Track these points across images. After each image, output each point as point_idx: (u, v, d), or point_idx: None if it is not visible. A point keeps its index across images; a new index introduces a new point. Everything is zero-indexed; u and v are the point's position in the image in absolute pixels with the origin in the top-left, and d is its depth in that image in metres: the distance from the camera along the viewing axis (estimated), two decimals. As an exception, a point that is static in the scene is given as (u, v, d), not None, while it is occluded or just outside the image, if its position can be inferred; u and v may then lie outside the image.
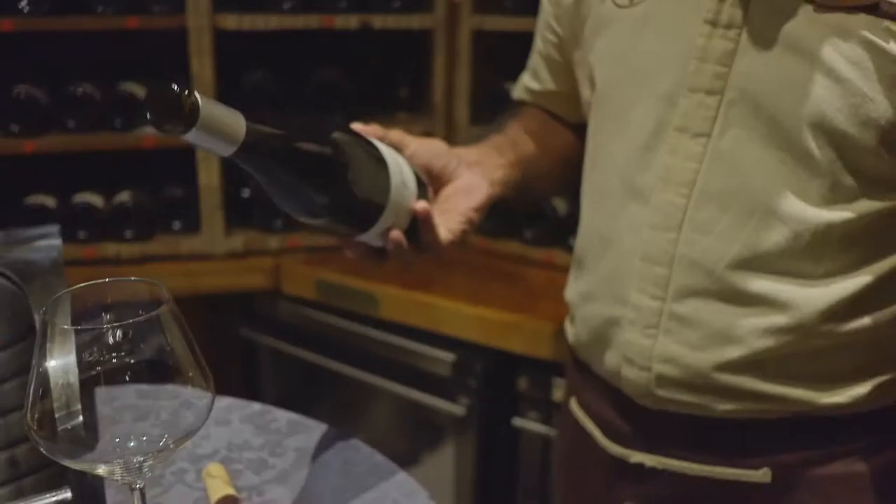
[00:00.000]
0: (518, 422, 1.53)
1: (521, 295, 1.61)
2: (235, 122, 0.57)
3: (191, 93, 0.53)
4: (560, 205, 1.75)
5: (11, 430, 0.69)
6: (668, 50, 0.74)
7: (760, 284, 0.73)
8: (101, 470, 0.53)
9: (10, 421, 0.69)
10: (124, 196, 1.78)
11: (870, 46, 0.65)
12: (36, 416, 0.53)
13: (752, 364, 0.75)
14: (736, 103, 0.71)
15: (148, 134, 1.73)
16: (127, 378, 0.53)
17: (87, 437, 0.55)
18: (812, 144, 0.69)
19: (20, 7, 1.62)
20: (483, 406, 1.55)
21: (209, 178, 1.73)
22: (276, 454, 0.81)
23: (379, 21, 1.73)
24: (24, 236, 0.74)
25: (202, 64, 1.67)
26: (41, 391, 0.53)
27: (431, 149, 0.82)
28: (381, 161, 0.73)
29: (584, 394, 0.92)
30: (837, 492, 0.78)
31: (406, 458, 1.63)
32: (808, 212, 0.70)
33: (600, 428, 0.88)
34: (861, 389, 0.75)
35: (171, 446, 0.54)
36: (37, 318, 0.70)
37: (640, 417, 0.82)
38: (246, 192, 1.83)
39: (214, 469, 0.76)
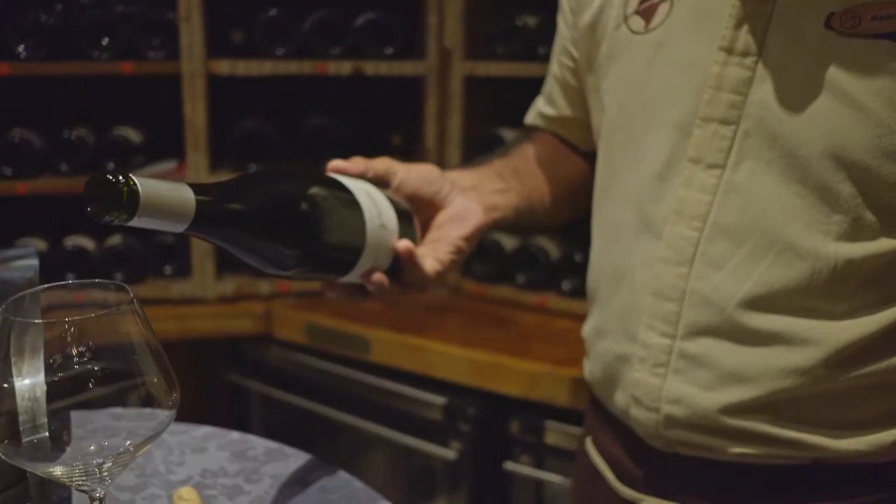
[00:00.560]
0: (510, 465, 1.50)
1: (513, 338, 1.60)
2: (182, 199, 0.54)
3: (128, 179, 0.51)
4: (552, 249, 1.74)
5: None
6: (683, 78, 0.71)
7: (774, 322, 0.69)
8: (59, 471, 0.51)
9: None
10: (116, 239, 1.78)
11: (894, 75, 0.62)
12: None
13: (765, 406, 0.71)
14: (751, 134, 0.68)
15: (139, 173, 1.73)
16: (90, 384, 0.52)
17: (51, 447, 0.53)
18: (832, 178, 0.65)
19: (17, 51, 1.64)
20: (475, 450, 1.52)
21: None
22: (252, 481, 0.78)
23: (371, 68, 1.75)
24: (1, 256, 0.73)
25: (195, 109, 1.69)
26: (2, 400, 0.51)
27: (422, 175, 0.80)
28: (353, 205, 0.69)
29: (599, 434, 0.89)
30: None
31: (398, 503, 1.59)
32: (827, 247, 0.66)
33: (613, 470, 0.85)
34: (883, 437, 0.71)
35: (132, 450, 0.52)
36: (12, 340, 0.69)
37: (652, 460, 0.79)
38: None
39: (186, 492, 0.74)
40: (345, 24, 1.73)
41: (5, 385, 0.51)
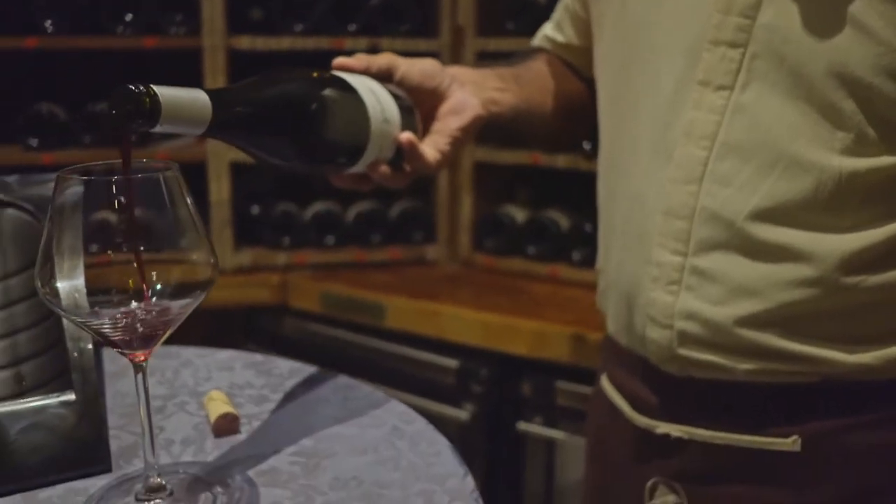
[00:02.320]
0: (523, 426, 1.52)
1: (524, 304, 1.63)
2: (199, 105, 0.58)
3: (149, 88, 0.54)
4: (563, 220, 1.77)
5: (19, 349, 0.71)
6: (691, 3, 0.74)
7: (781, 235, 0.71)
8: (98, 324, 0.55)
9: (19, 340, 0.71)
10: (136, 213, 1.81)
11: None
12: (43, 276, 0.55)
13: (775, 319, 0.73)
14: (759, 56, 0.70)
15: (160, 150, 1.78)
16: (132, 242, 0.54)
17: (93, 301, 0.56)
18: (835, 96, 0.68)
19: (44, 26, 1.69)
20: (488, 411, 1.55)
21: (220, 193, 1.77)
22: (277, 391, 0.82)
23: (387, 44, 1.79)
24: (39, 179, 0.77)
25: (216, 83, 1.73)
26: (46, 255, 0.55)
27: (423, 69, 0.83)
28: (358, 102, 0.73)
29: (614, 370, 0.91)
30: (871, 461, 0.76)
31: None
32: (832, 161, 0.69)
33: (628, 401, 0.87)
34: (891, 351, 0.72)
35: (172, 308, 0.55)
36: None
37: (666, 386, 0.81)
38: (255, 210, 1.87)
39: (215, 394, 0.77)
40: (360, 2, 1.78)
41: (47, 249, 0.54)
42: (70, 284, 0.55)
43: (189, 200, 0.56)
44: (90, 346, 0.70)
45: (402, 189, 1.95)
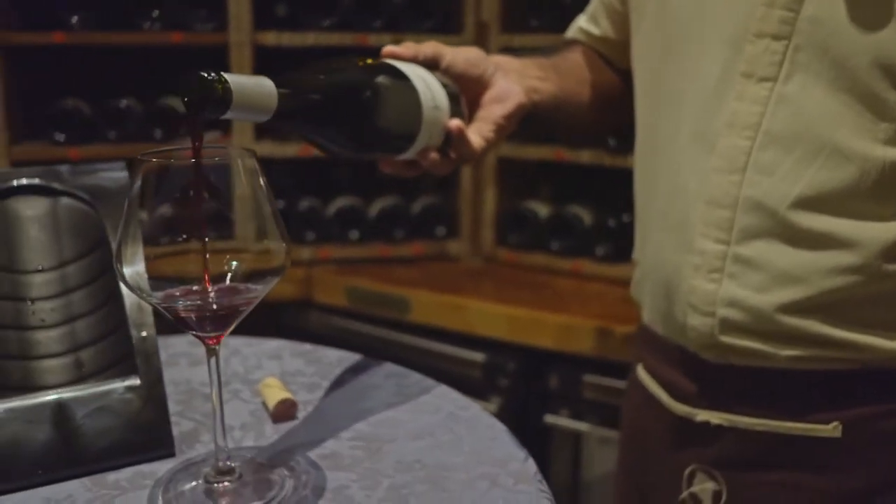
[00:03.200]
0: (549, 419, 1.53)
1: (548, 298, 1.64)
2: (267, 93, 0.59)
3: (220, 76, 0.55)
4: (586, 216, 1.78)
5: (77, 336, 0.72)
6: None
7: (824, 223, 0.72)
8: (174, 306, 0.56)
9: (77, 327, 0.72)
10: (164, 209, 1.82)
11: None
12: (123, 259, 0.56)
13: (817, 306, 0.74)
14: (802, 48, 0.71)
15: (186, 146, 1.78)
16: (208, 226, 0.56)
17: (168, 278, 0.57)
18: (878, 87, 0.69)
19: (71, 22, 1.70)
20: (514, 405, 1.56)
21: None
22: (328, 378, 0.83)
23: (411, 40, 1.79)
24: (91, 168, 0.78)
25: (241, 78, 1.74)
26: (125, 238, 0.56)
27: (468, 57, 0.83)
28: (411, 90, 0.74)
29: (650, 359, 0.92)
30: None
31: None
32: (875, 151, 0.70)
33: (666, 390, 0.87)
34: None
35: (244, 292, 0.56)
36: (109, 232, 0.74)
37: (705, 374, 0.82)
38: (279, 205, 1.87)
39: (271, 380, 0.78)
40: (385, -1, 1.79)
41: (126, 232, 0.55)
42: (148, 267, 0.56)
43: (264, 186, 0.57)
44: (153, 331, 0.70)
45: (423, 184, 1.97)
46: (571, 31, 1.04)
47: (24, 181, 0.76)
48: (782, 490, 0.81)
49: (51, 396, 0.66)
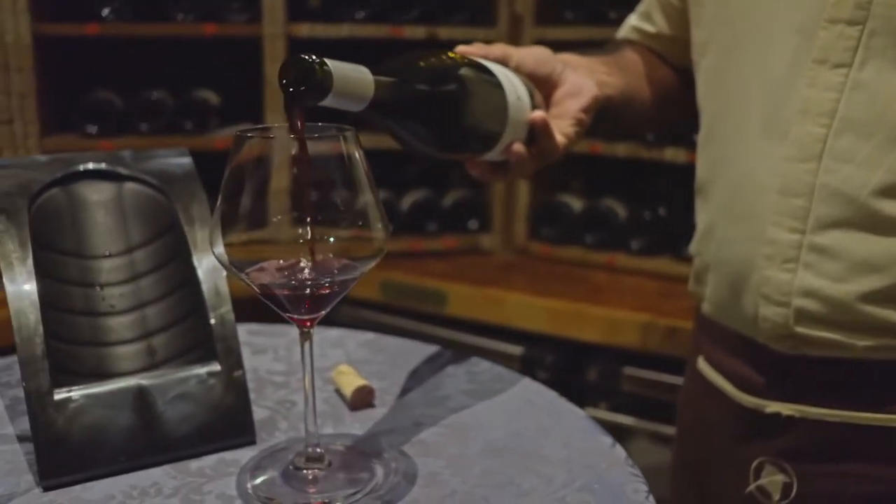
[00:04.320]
0: (588, 412, 1.51)
1: (586, 292, 1.63)
2: (365, 79, 0.58)
3: (322, 61, 0.54)
4: (620, 209, 1.77)
5: (148, 322, 0.71)
6: None
7: None
8: (269, 287, 0.55)
9: (147, 313, 0.71)
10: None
11: None
12: (220, 237, 0.55)
13: None
14: (878, 33, 0.70)
15: (217, 137, 1.78)
16: (307, 206, 0.55)
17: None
18: None
19: (103, 14, 1.70)
20: (553, 398, 1.55)
21: (279, 182, 1.76)
22: (397, 366, 0.82)
23: (445, 32, 1.79)
24: (152, 154, 0.77)
25: (275, 70, 1.72)
26: (222, 217, 0.55)
27: (536, 56, 0.82)
28: (495, 82, 0.74)
29: (712, 351, 0.90)
30: None
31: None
32: None
33: (731, 381, 0.86)
34: None
35: (342, 274, 0.55)
36: (182, 217, 0.73)
37: (776, 365, 0.80)
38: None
39: (344, 368, 0.77)
40: (418, -10, 1.78)
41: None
42: (243, 248, 0.55)
43: (366, 170, 0.56)
44: (231, 316, 0.69)
45: (454, 177, 1.96)
46: (623, 31, 1.03)
47: (91, 166, 0.75)
48: (856, 481, 0.80)
49: (131, 382, 0.65)
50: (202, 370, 0.67)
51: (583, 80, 0.84)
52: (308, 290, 0.56)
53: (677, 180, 1.77)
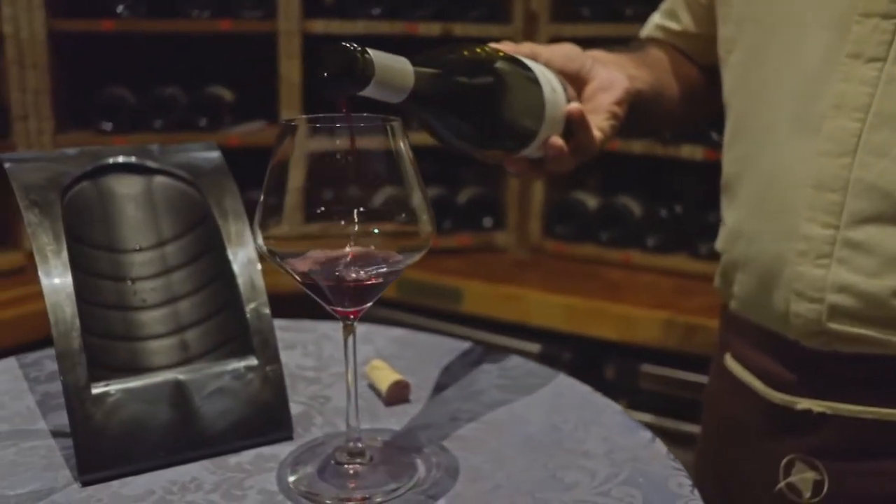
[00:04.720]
0: (607, 410, 1.51)
1: (602, 289, 1.62)
2: (406, 70, 0.57)
3: (364, 51, 0.53)
4: (635, 207, 1.77)
5: (181, 317, 0.70)
6: None
7: None
8: (315, 277, 0.54)
9: (180, 308, 0.71)
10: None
11: None
12: (264, 226, 0.54)
13: None
14: None
15: (230, 134, 1.77)
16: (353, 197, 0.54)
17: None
18: None
19: (118, 10, 1.69)
20: (570, 396, 1.54)
21: (294, 179, 1.76)
22: (427, 362, 0.81)
23: (460, 29, 1.79)
24: (180, 148, 0.77)
25: (290, 67, 1.73)
26: (267, 206, 0.54)
27: (564, 52, 0.82)
28: (532, 77, 0.73)
29: (740, 348, 0.90)
30: None
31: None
32: None
33: (761, 378, 0.85)
34: None
35: (386, 265, 0.55)
36: (215, 210, 0.72)
37: (808, 362, 0.80)
38: (328, 195, 1.86)
39: (378, 363, 0.77)
40: (433, -13, 1.78)
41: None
42: (288, 236, 0.55)
43: (412, 161, 0.55)
44: (267, 310, 0.69)
45: (468, 175, 1.95)
46: (647, 29, 1.03)
47: (121, 159, 0.75)
48: (889, 478, 0.79)
49: (168, 377, 0.65)
50: (239, 364, 0.67)
51: (613, 74, 0.84)
52: (351, 283, 0.55)
53: (694, 177, 1.77)
